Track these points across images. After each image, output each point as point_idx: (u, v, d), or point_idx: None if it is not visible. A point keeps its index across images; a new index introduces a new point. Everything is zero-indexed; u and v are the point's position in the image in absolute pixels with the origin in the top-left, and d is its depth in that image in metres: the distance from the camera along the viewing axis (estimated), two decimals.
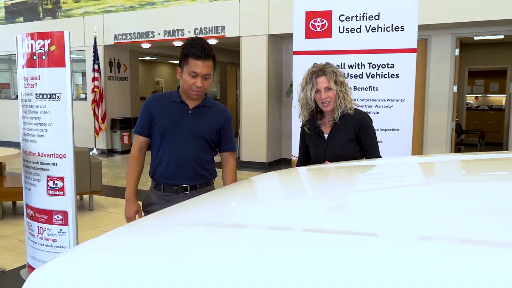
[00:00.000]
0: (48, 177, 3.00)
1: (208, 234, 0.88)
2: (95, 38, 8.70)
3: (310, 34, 3.05)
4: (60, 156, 2.96)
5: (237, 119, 8.90)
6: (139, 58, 10.61)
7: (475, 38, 7.86)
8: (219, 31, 7.84)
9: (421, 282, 0.57)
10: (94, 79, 8.70)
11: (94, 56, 8.68)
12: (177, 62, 2.07)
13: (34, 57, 2.91)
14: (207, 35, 7.94)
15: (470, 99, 11.53)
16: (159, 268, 0.71)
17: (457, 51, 6.45)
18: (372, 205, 1.01)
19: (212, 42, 8.61)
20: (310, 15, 3.03)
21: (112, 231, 0.97)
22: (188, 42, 1.95)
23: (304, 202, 1.13)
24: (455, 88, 6.52)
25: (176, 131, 2.01)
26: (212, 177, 2.14)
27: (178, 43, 8.72)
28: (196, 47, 1.91)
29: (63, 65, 2.89)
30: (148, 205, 2.13)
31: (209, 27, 7.90)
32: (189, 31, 8.07)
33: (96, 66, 8.68)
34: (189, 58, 1.92)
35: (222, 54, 11.92)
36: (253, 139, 7.63)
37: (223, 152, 2.15)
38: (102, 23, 9.03)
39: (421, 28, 6.26)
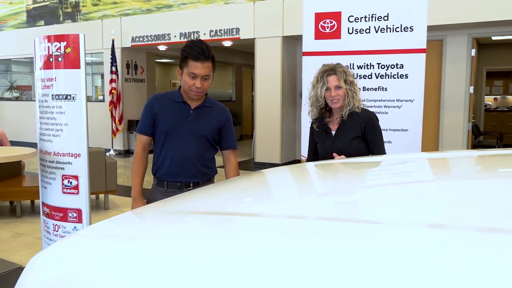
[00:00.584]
0: (63, 175, 3.09)
1: (213, 222, 0.90)
2: (113, 41, 8.86)
3: (319, 35, 3.08)
4: (75, 155, 3.04)
5: (252, 120, 8.94)
6: (156, 60, 10.76)
7: (493, 38, 7.75)
8: (234, 33, 7.91)
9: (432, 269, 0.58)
10: (111, 81, 8.85)
11: (111, 59, 8.84)
12: None
13: (51, 59, 3.00)
14: (222, 37, 8.02)
15: (489, 100, 11.35)
16: (165, 254, 0.74)
17: (473, 52, 6.37)
18: (379, 196, 1.03)
19: (227, 44, 8.71)
20: (319, 17, 3.06)
21: (114, 217, 1.01)
22: (188, 45, 2.01)
23: (303, 192, 1.16)
24: (471, 89, 6.44)
25: (179, 131, 2.07)
26: (213, 174, 2.20)
27: None
28: (194, 49, 1.96)
29: (78, 67, 2.97)
30: (152, 201, 2.19)
31: (224, 29, 7.97)
32: (204, 33, 8.16)
33: (113, 68, 8.83)
34: (188, 60, 1.98)
35: (238, 56, 12.00)
36: (267, 140, 7.66)
37: (224, 149, 2.21)
38: (120, 26, 9.19)
39: (437, 28, 6.23)
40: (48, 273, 0.81)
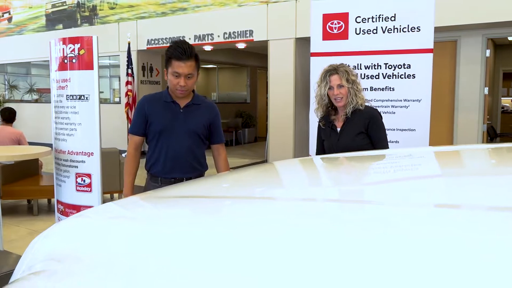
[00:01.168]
0: (76, 173, 3.18)
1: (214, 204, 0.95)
2: (128, 44, 9.01)
3: (327, 36, 3.11)
4: (88, 154, 3.14)
5: (266, 122, 8.99)
6: None
7: (510, 38, 7.65)
8: (247, 35, 7.97)
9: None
10: (127, 83, 8.99)
11: (127, 61, 8.98)
12: (208, 66, 2.22)
13: (66, 61, 3.10)
14: (236, 39, 8.09)
15: (506, 102, 11.17)
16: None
17: (488, 52, 6.30)
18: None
19: (241, 46, 8.78)
20: (327, 18, 3.09)
21: (118, 200, 1.05)
22: (171, 46, 2.10)
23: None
24: (486, 90, 6.37)
25: (171, 129, 2.16)
26: (204, 169, 2.28)
27: (208, 47, 8.92)
28: (177, 50, 2.04)
29: (92, 68, 3.07)
30: None
31: (237, 31, 8.04)
32: (218, 36, 8.24)
33: (129, 71, 8.97)
34: (172, 60, 2.07)
35: (252, 58, 12.06)
36: (280, 141, 7.70)
37: (214, 144, 2.31)
38: (135, 29, 9.35)
39: (451, 29, 6.19)
40: (50, 247, 0.86)
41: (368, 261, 0.59)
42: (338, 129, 2.37)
